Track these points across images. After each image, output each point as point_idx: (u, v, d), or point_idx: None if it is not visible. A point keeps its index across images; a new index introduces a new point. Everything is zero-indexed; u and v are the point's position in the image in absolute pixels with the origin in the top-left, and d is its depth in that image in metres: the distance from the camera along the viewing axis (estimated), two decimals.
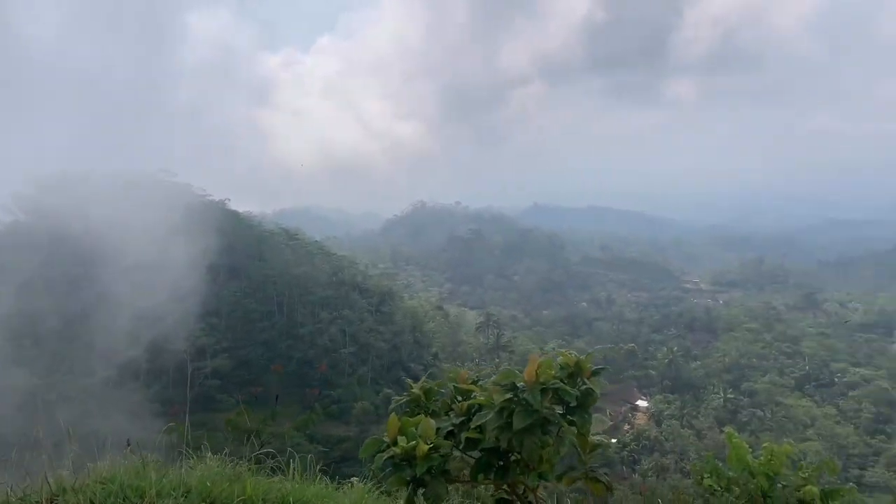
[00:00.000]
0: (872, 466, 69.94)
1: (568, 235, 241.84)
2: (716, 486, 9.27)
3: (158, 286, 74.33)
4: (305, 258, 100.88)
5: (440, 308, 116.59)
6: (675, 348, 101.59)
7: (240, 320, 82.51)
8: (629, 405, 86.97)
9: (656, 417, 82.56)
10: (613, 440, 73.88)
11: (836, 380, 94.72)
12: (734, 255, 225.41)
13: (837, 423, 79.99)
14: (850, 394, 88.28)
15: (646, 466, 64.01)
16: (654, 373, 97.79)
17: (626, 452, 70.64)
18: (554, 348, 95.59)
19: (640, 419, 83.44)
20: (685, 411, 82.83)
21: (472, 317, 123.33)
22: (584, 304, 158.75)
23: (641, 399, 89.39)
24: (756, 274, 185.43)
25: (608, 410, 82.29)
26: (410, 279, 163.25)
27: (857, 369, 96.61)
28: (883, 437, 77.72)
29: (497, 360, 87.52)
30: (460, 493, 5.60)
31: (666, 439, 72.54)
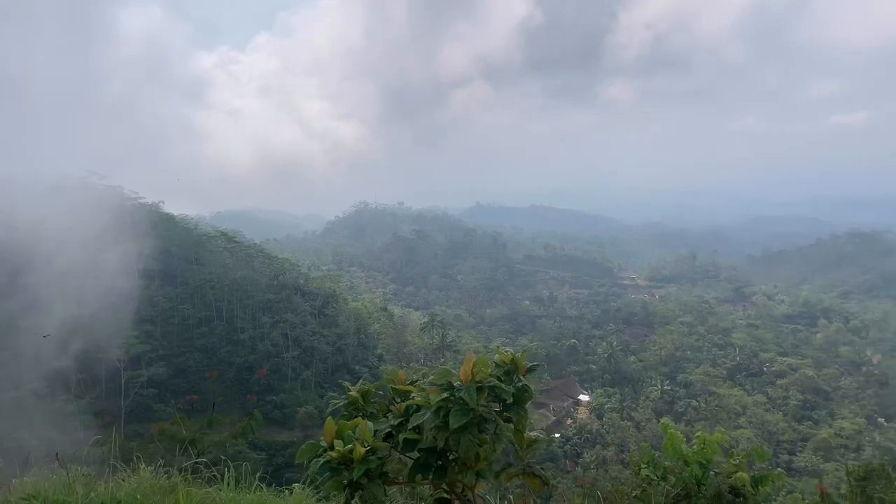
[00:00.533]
0: (801, 451, 73.61)
1: (510, 234, 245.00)
2: (652, 476, 9.56)
3: (89, 293, 71.15)
4: (245, 261, 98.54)
5: (385, 309, 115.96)
6: (615, 343, 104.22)
7: (176, 327, 79.87)
8: (572, 400, 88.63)
9: (597, 411, 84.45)
10: (557, 435, 75.30)
11: (764, 369, 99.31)
12: (669, 251, 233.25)
13: (767, 410, 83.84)
14: (778, 382, 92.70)
15: (588, 459, 65.55)
16: (594, 367, 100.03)
17: (569, 446, 72.10)
18: (498, 346, 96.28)
19: (582, 413, 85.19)
20: (625, 404, 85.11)
21: (416, 317, 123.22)
22: (527, 301, 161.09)
23: (583, 393, 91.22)
24: (689, 269, 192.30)
25: (551, 406, 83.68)
26: (354, 281, 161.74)
27: (784, 358, 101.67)
28: (810, 423, 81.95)
29: (442, 360, 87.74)
30: (405, 494, 5.56)
31: (607, 432, 74.39)
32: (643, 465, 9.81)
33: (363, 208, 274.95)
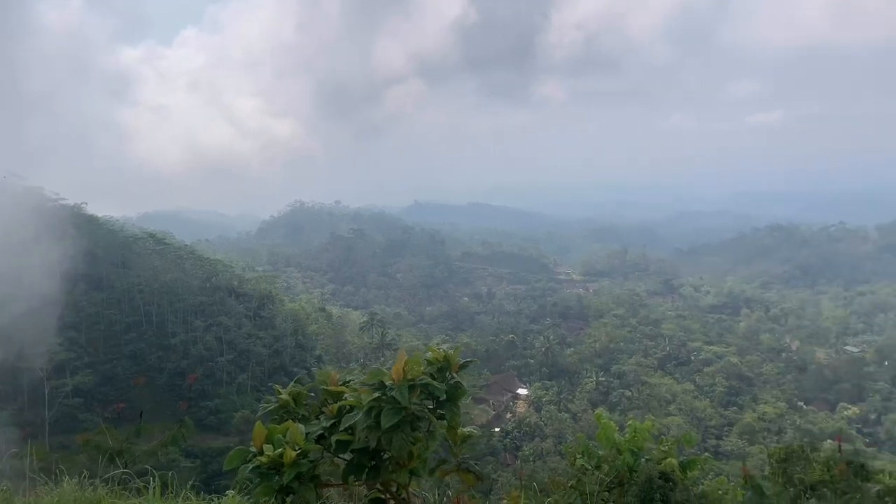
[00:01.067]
0: (727, 436, 77.12)
1: (449, 232, 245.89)
2: (587, 465, 9.83)
3: (7, 300, 67.16)
4: (175, 263, 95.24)
5: (323, 309, 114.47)
6: (552, 337, 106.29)
7: (103, 333, 76.42)
8: (511, 394, 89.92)
9: (536, 404, 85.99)
10: (496, 429, 76.27)
11: (692, 358, 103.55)
12: (602, 246, 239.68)
13: (695, 397, 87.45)
14: (705, 370, 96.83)
15: (527, 452, 66.70)
16: (532, 361, 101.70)
17: (508, 440, 73.11)
18: (438, 344, 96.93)
19: (521, 407, 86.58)
20: (562, 396, 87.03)
21: (355, 316, 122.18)
22: (466, 298, 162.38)
23: (522, 387, 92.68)
24: (621, 263, 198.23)
25: (491, 401, 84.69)
26: (291, 281, 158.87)
27: (711, 347, 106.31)
28: (735, 408, 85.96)
29: (382, 359, 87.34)
30: (343, 496, 5.51)
31: (545, 424, 75.82)
32: (578, 456, 10.07)
33: (299, 207, 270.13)
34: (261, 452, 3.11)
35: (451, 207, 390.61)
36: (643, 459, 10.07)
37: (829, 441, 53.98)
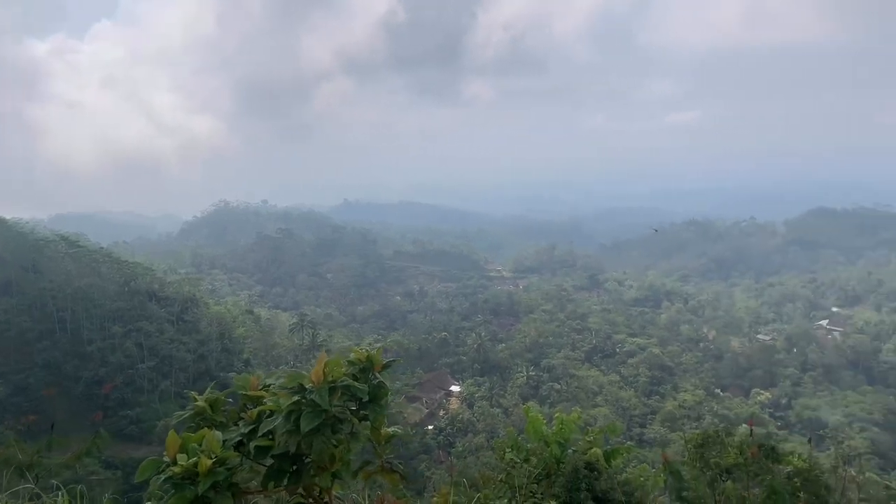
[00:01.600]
0: (650, 424, 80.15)
1: (380, 231, 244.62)
2: (516, 459, 10.03)
3: None
4: (90, 267, 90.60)
5: (250, 312, 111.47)
6: (483, 333, 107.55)
7: (13, 341, 71.89)
8: (444, 391, 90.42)
9: (468, 400, 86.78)
10: (430, 426, 76.53)
11: (617, 350, 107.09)
12: (531, 242, 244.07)
13: (620, 388, 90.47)
14: (629, 361, 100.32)
15: (461, 448, 67.15)
16: (465, 358, 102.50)
17: (442, 437, 73.45)
18: (370, 343, 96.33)
19: (454, 404, 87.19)
20: (494, 391, 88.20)
21: (285, 318, 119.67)
22: (398, 297, 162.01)
23: (455, 384, 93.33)
24: (549, 259, 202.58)
25: (424, 399, 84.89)
26: (216, 283, 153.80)
27: (634, 339, 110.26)
28: (657, 397, 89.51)
29: (313, 361, 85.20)
30: (268, 502, 5.37)
31: (478, 420, 76.58)
32: (507, 450, 10.29)
33: (223, 207, 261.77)
34: (174, 462, 3.00)
35: (382, 206, 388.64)
36: (570, 451, 10.39)
37: (743, 426, 57.06)
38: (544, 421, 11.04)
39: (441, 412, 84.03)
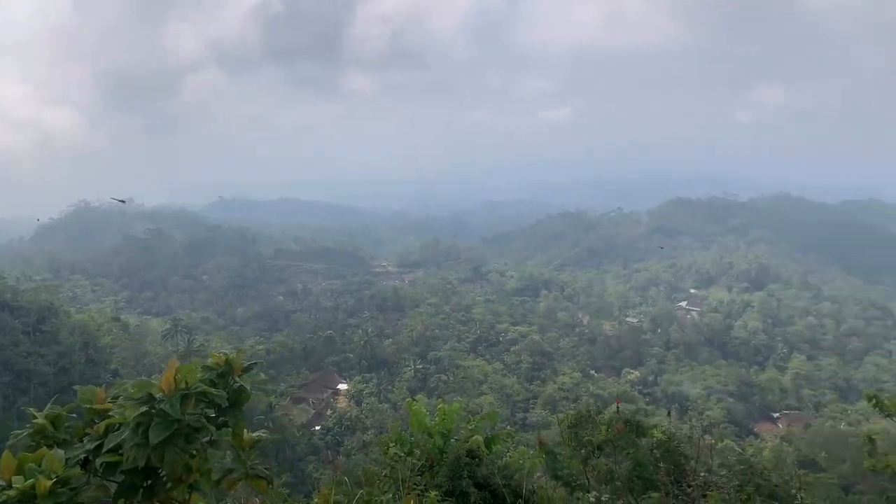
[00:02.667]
0: (533, 408, 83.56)
1: (259, 229, 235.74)
2: (400, 453, 10.05)
3: None
4: None
5: (117, 319, 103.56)
6: (370, 329, 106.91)
7: None
8: (331, 391, 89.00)
9: (356, 398, 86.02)
10: (317, 427, 75.15)
11: (500, 339, 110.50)
12: (415, 237, 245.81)
13: (504, 375, 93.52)
14: (512, 349, 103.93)
15: (349, 446, 66.57)
16: (352, 356, 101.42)
17: (330, 437, 72.39)
18: (251, 345, 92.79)
19: (342, 402, 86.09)
20: (382, 387, 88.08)
21: (157, 324, 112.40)
22: (281, 297, 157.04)
23: (342, 383, 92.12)
24: (434, 253, 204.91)
25: (311, 399, 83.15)
26: (77, 290, 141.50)
27: (516, 328, 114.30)
28: (538, 382, 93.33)
29: None
30: None
31: (366, 416, 76.16)
32: (391, 445, 10.29)
33: (84, 208, 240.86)
34: (9, 486, 2.70)
35: (260, 204, 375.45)
36: (453, 440, 10.58)
37: (613, 404, 60.94)
38: (426, 413, 11.16)
39: (329, 412, 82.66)
